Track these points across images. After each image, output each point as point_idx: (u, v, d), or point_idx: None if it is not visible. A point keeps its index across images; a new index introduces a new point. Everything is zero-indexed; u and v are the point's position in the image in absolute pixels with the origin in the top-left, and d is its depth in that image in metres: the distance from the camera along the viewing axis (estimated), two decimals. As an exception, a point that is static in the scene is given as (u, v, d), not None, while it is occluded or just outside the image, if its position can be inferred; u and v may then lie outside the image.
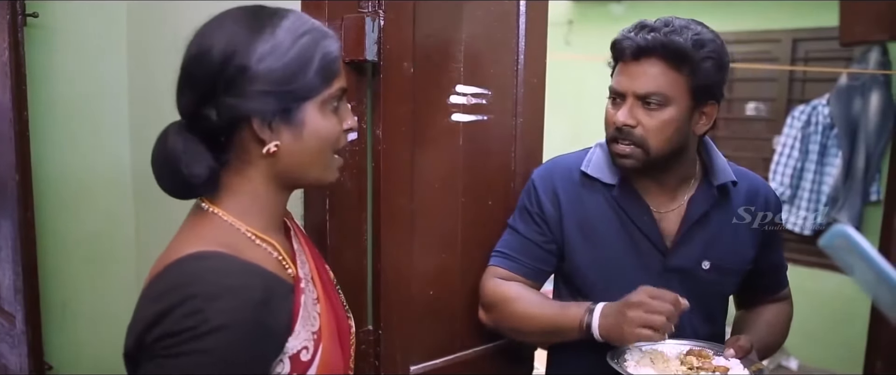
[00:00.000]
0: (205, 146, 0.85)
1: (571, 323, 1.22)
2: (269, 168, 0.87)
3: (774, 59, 4.01)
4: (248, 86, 0.81)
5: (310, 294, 0.91)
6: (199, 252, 0.81)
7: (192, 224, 0.88)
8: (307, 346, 0.86)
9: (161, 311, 0.76)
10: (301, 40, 0.83)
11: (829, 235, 0.59)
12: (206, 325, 0.74)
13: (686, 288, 1.29)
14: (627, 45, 1.19)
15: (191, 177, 0.84)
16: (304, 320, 0.87)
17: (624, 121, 1.20)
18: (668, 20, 1.21)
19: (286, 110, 0.83)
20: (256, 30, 0.82)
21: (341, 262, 1.24)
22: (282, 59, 0.82)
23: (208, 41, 0.83)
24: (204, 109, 0.83)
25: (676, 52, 1.17)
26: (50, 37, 1.89)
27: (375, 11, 1.18)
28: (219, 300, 0.76)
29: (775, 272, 1.43)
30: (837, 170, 3.73)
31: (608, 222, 1.30)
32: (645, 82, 1.19)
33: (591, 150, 1.36)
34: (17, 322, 1.85)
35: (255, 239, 0.86)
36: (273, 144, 0.84)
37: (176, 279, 0.79)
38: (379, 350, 1.28)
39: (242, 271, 0.81)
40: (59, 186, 1.96)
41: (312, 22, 0.87)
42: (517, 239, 1.36)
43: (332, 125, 0.88)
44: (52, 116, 1.92)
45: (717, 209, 1.30)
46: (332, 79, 0.86)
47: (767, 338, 1.35)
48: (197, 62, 0.83)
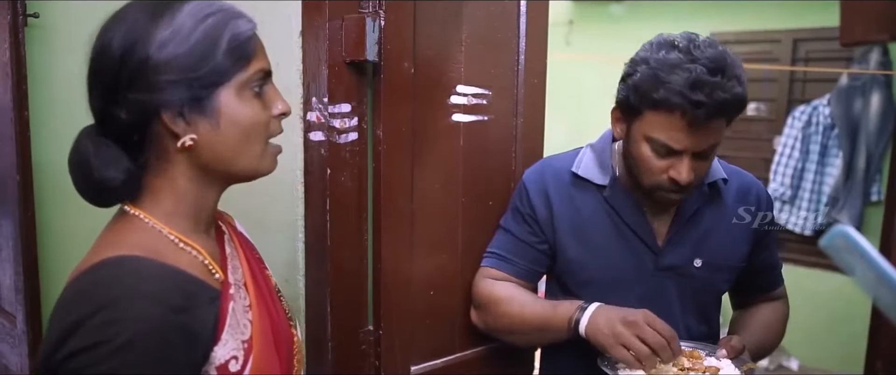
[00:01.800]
0: (119, 148, 0.80)
1: (561, 321, 1.22)
2: (190, 163, 0.81)
3: (775, 59, 4.01)
4: (152, 77, 0.75)
5: (240, 300, 0.85)
6: (115, 256, 0.75)
7: (112, 228, 0.83)
8: (236, 356, 0.80)
9: (72, 324, 0.70)
10: (205, 22, 0.77)
11: (829, 235, 0.59)
12: (121, 337, 0.69)
13: (679, 287, 1.29)
14: (700, 113, 1.08)
15: (105, 182, 0.79)
16: (233, 328, 0.81)
17: (689, 180, 1.15)
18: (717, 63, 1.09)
19: (197, 99, 0.77)
20: (155, 18, 0.76)
21: (341, 262, 1.24)
22: (184, 43, 0.76)
23: (108, 35, 0.78)
24: (112, 108, 0.78)
25: (740, 106, 1.13)
26: (51, 37, 1.89)
27: (376, 12, 1.18)
28: (134, 307, 0.71)
29: (769, 270, 1.42)
30: (838, 171, 3.73)
31: (600, 222, 1.30)
32: (708, 139, 1.14)
33: (582, 151, 1.36)
34: (18, 322, 1.85)
35: (179, 242, 0.81)
36: (188, 137, 0.78)
37: (88, 287, 0.74)
38: (379, 351, 1.28)
39: (161, 275, 0.76)
40: (60, 186, 1.95)
41: (219, 3, 0.80)
42: (509, 240, 1.36)
43: (255, 111, 0.81)
44: (53, 116, 1.92)
45: (709, 207, 1.30)
46: (246, 60, 0.80)
47: (763, 338, 1.35)
48: (98, 59, 0.78)
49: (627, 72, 1.19)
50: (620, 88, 1.21)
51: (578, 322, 1.20)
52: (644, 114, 1.16)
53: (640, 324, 1.11)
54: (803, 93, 3.95)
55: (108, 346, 0.69)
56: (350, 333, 1.27)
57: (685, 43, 1.13)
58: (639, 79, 1.15)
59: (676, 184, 1.16)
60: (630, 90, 1.17)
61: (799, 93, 3.97)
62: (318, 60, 1.19)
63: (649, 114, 1.15)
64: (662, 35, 1.18)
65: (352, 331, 1.27)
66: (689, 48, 1.11)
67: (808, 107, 3.82)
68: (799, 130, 3.81)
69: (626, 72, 1.20)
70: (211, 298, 0.81)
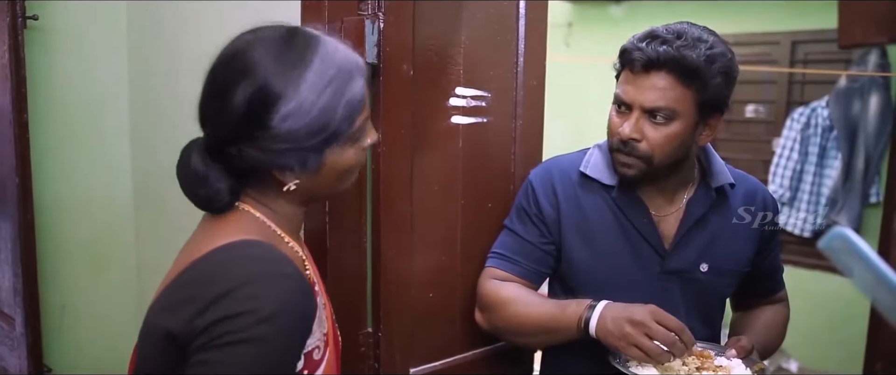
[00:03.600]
0: (225, 169, 0.85)
1: (570, 321, 1.21)
2: (288, 196, 0.87)
3: (774, 61, 4.02)
4: (271, 143, 0.80)
5: (320, 298, 0.92)
6: (245, 240, 0.81)
7: (225, 219, 0.87)
8: (319, 346, 0.88)
9: (218, 294, 0.75)
10: (327, 90, 0.81)
11: (828, 237, 0.59)
12: (266, 310, 0.74)
13: (684, 291, 1.29)
14: (637, 56, 1.16)
15: (214, 195, 0.84)
16: (319, 320, 0.88)
17: (629, 135, 1.18)
18: (681, 31, 1.17)
19: (307, 161, 0.83)
20: (282, 79, 0.79)
21: (341, 264, 1.24)
22: (306, 116, 0.80)
23: (231, 83, 0.80)
24: (227, 146, 0.82)
25: (688, 67, 1.14)
26: (50, 39, 1.89)
27: (375, 14, 1.18)
28: (277, 285, 0.77)
29: (772, 274, 1.43)
30: (837, 172, 3.73)
31: (607, 224, 1.30)
32: (653, 96, 1.16)
33: (590, 151, 1.36)
34: (17, 324, 1.85)
35: (285, 237, 0.88)
36: (292, 184, 0.84)
37: (226, 263, 0.79)
38: (378, 353, 1.28)
39: (287, 261, 0.81)
40: (59, 189, 1.96)
41: (339, 59, 0.83)
42: (515, 241, 1.35)
43: (354, 155, 0.88)
44: (52, 119, 1.92)
45: (716, 211, 1.30)
46: (356, 118, 0.85)
47: (766, 339, 1.35)
48: (218, 105, 0.81)
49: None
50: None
51: (588, 321, 1.19)
52: (618, 79, 1.23)
53: (648, 323, 1.11)
54: (802, 95, 3.96)
55: (254, 316, 0.74)
56: (349, 335, 1.27)
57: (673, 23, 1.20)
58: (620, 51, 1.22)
59: (623, 142, 1.20)
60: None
61: (798, 94, 3.98)
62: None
63: (620, 77, 1.23)
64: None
65: (351, 333, 1.27)
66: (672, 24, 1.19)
67: (807, 108, 3.82)
68: (798, 132, 3.82)
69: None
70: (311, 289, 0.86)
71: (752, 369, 1.16)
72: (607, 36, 4.74)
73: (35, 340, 1.82)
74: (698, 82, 1.15)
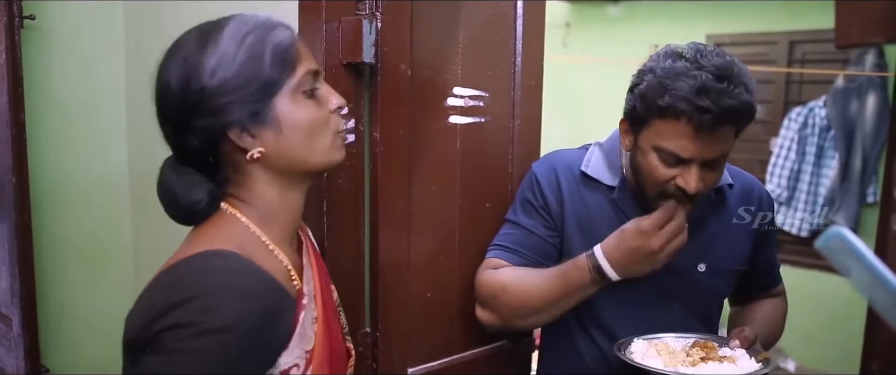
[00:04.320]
0: (199, 171, 0.86)
1: (581, 279, 1.21)
2: (266, 171, 0.86)
3: (771, 61, 4.03)
4: (211, 103, 0.81)
5: (310, 312, 0.90)
6: (217, 249, 0.81)
7: (210, 223, 0.87)
8: (299, 363, 0.85)
9: (172, 303, 0.75)
10: (246, 41, 0.82)
11: (825, 237, 0.59)
12: (213, 323, 0.74)
13: (682, 290, 1.30)
14: (706, 119, 1.07)
15: (192, 205, 0.85)
16: (301, 337, 0.86)
17: (697, 189, 1.14)
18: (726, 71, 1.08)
19: (256, 112, 0.82)
20: (202, 47, 0.82)
21: (339, 264, 1.24)
22: (232, 66, 0.81)
23: (166, 75, 0.84)
24: (184, 138, 0.84)
25: (749, 114, 1.11)
26: (47, 39, 1.89)
27: (372, 14, 1.18)
28: (232, 300, 0.76)
29: (769, 270, 1.44)
30: (834, 172, 3.74)
31: (608, 223, 1.30)
32: (717, 148, 1.13)
33: (590, 150, 1.36)
34: (14, 324, 1.84)
35: (269, 245, 0.86)
36: (256, 150, 0.84)
37: (189, 273, 0.79)
38: (376, 353, 1.28)
39: (256, 276, 0.81)
40: (57, 189, 1.96)
41: (256, 19, 0.86)
42: (518, 231, 1.34)
43: (311, 110, 0.86)
44: (50, 119, 1.92)
45: (714, 212, 1.31)
46: (292, 66, 0.85)
47: (766, 332, 1.35)
48: (162, 98, 0.85)
49: (634, 83, 1.18)
50: (628, 99, 1.20)
51: (599, 268, 1.19)
52: (651, 124, 1.15)
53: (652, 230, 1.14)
54: (799, 95, 3.97)
55: (200, 328, 0.74)
56: (347, 335, 1.27)
57: (692, 52, 1.12)
58: (645, 88, 1.14)
59: (683, 193, 1.15)
60: (637, 100, 1.16)
61: (795, 94, 3.99)
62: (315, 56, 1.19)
63: (656, 123, 1.14)
64: (670, 45, 1.17)
65: (349, 333, 1.27)
66: (696, 57, 1.11)
67: (805, 108, 3.83)
68: (795, 132, 3.83)
69: (633, 83, 1.19)
70: (290, 306, 0.86)
71: (757, 358, 1.16)
72: (605, 36, 4.76)
73: (32, 340, 1.82)
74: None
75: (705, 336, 1.24)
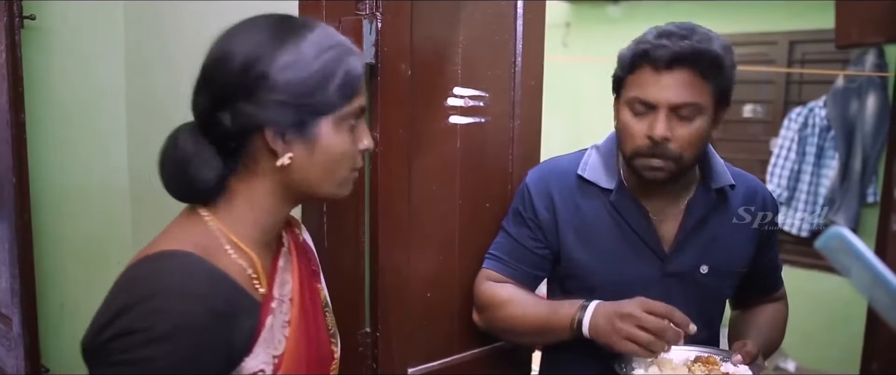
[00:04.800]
0: (215, 151, 0.84)
1: (563, 321, 1.22)
2: (277, 180, 0.85)
3: (771, 61, 4.02)
4: (266, 94, 0.79)
5: (281, 315, 0.87)
6: (171, 250, 0.79)
7: (176, 222, 0.87)
8: (264, 369, 0.83)
9: (118, 309, 0.74)
10: (326, 54, 0.82)
11: (825, 237, 0.59)
12: (158, 328, 0.72)
13: (684, 293, 1.28)
14: (662, 53, 1.13)
15: (198, 181, 0.83)
16: (267, 341, 0.84)
17: (663, 134, 1.15)
18: (692, 27, 1.17)
19: (302, 123, 0.82)
20: (281, 39, 0.81)
21: (338, 264, 1.24)
22: (304, 71, 0.80)
23: (231, 46, 0.81)
24: (219, 114, 0.81)
25: (710, 60, 1.14)
26: (47, 39, 1.89)
27: (373, 14, 1.18)
28: (177, 302, 0.74)
29: (771, 273, 1.43)
30: (834, 172, 3.74)
31: (605, 227, 1.29)
32: (681, 92, 1.14)
33: (587, 153, 1.35)
34: (14, 325, 1.84)
35: (231, 250, 0.84)
36: (287, 157, 0.82)
37: (139, 275, 0.78)
38: (376, 353, 1.28)
39: (210, 277, 0.79)
40: (57, 189, 1.96)
41: (339, 38, 0.86)
42: (509, 243, 1.35)
43: (347, 143, 0.86)
44: (50, 119, 1.92)
45: (715, 213, 1.30)
46: (352, 96, 0.85)
47: (768, 338, 1.35)
48: (217, 65, 0.82)
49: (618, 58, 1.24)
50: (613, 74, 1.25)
51: (581, 322, 1.19)
52: (625, 82, 1.21)
53: (637, 314, 1.12)
54: (800, 95, 3.97)
55: (145, 335, 0.72)
56: (347, 335, 1.27)
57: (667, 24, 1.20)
58: (622, 53, 1.22)
59: (653, 144, 1.16)
60: (617, 67, 1.23)
61: (795, 94, 3.99)
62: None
63: (628, 80, 1.20)
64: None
65: (349, 333, 1.27)
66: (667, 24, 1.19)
67: (805, 108, 3.83)
68: (795, 132, 3.82)
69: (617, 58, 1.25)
70: (251, 309, 0.83)
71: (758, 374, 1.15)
72: (605, 36, 4.74)
73: (32, 340, 1.82)
74: (717, 75, 1.16)
75: (708, 350, 1.22)
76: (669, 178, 1.21)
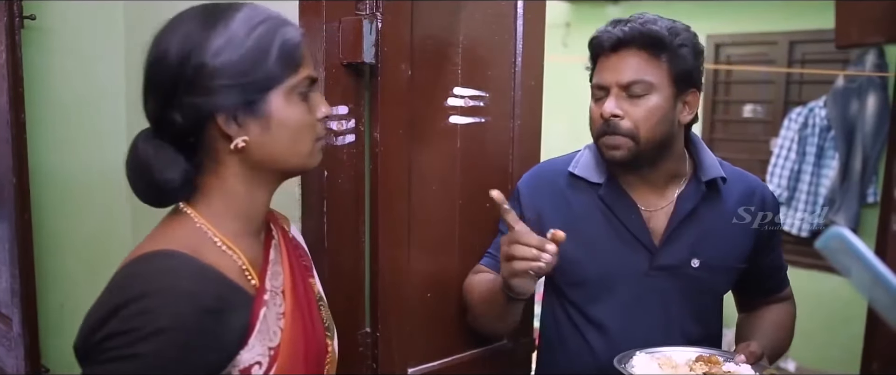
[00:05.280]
0: (176, 150, 0.84)
1: (497, 283, 1.24)
2: (242, 164, 0.85)
3: (771, 61, 4.02)
4: (208, 82, 0.80)
5: (274, 307, 0.88)
6: (159, 251, 0.80)
7: (164, 223, 0.87)
8: (260, 361, 0.83)
9: (111, 310, 0.75)
10: (257, 30, 0.82)
11: (825, 237, 0.59)
12: (151, 326, 0.73)
13: (676, 287, 1.28)
14: (606, 38, 1.22)
15: (165, 183, 0.84)
16: (262, 334, 0.84)
17: (611, 111, 1.20)
18: (641, 14, 1.24)
19: (250, 102, 0.82)
20: (210, 26, 0.81)
21: (339, 264, 1.24)
22: (238, 50, 0.80)
23: (164, 44, 0.82)
24: (169, 113, 0.82)
25: (654, 39, 1.19)
26: (47, 39, 1.89)
27: (373, 13, 1.18)
28: (167, 302, 0.75)
29: (775, 272, 1.42)
30: (834, 172, 3.74)
31: (595, 222, 1.30)
32: (627, 72, 1.20)
33: (580, 152, 1.36)
34: (14, 324, 1.84)
35: (221, 245, 0.85)
36: (241, 139, 0.82)
37: (130, 277, 0.79)
38: (376, 353, 1.28)
39: (199, 275, 0.80)
40: (57, 188, 1.96)
41: (269, 11, 0.85)
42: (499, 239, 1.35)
43: (302, 113, 0.86)
44: (50, 118, 1.92)
45: (707, 206, 1.29)
46: (295, 66, 0.85)
47: (775, 340, 1.34)
48: (155, 67, 0.83)
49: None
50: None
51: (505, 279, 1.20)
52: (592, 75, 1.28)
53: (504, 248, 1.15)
54: (800, 95, 3.97)
55: (138, 333, 0.73)
56: (347, 335, 1.27)
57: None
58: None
59: (606, 123, 1.22)
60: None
61: (795, 94, 3.99)
62: (315, 62, 1.19)
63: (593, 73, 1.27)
64: None
65: (349, 333, 1.27)
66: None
67: (805, 108, 3.83)
68: (795, 132, 3.82)
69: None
70: (243, 303, 0.84)
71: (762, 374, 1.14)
72: (605, 36, 4.76)
73: (32, 340, 1.82)
74: (666, 53, 1.20)
75: (710, 350, 1.21)
76: (632, 159, 1.23)
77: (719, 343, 1.37)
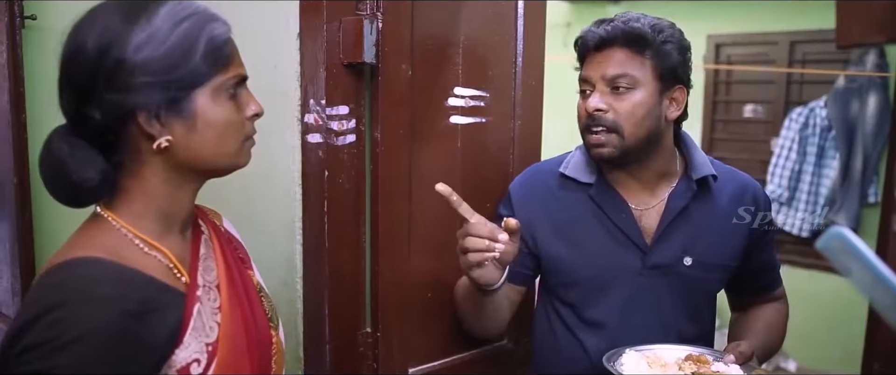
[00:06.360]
0: (94, 148, 0.80)
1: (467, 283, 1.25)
2: (164, 164, 0.81)
3: (772, 61, 4.02)
4: (128, 79, 0.76)
5: (209, 303, 0.85)
6: (75, 258, 0.77)
7: (81, 229, 0.83)
8: (199, 359, 0.80)
9: (25, 323, 0.72)
10: (181, 25, 0.78)
11: (826, 237, 0.59)
12: (66, 336, 0.70)
13: (668, 285, 1.28)
14: (590, 37, 1.25)
15: (81, 183, 0.79)
16: (197, 330, 0.81)
17: (596, 106, 1.22)
18: (625, 13, 1.26)
19: (174, 101, 0.78)
20: (132, 19, 0.77)
21: (339, 264, 1.24)
22: (161, 46, 0.76)
23: (81, 36, 0.78)
24: (86, 109, 0.78)
25: (636, 37, 1.21)
26: (48, 39, 1.89)
27: (373, 13, 1.18)
28: (85, 309, 0.72)
29: (768, 271, 1.42)
30: (835, 172, 3.74)
31: (586, 222, 1.30)
32: (611, 67, 1.22)
33: (572, 153, 1.36)
34: (15, 324, 1.84)
35: (143, 246, 0.81)
36: (164, 139, 0.78)
37: (45, 287, 0.76)
38: (377, 353, 1.28)
39: (118, 279, 0.76)
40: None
41: (195, 6, 0.81)
42: None
43: (229, 112, 0.82)
44: (50, 118, 1.92)
45: (698, 204, 1.29)
46: (223, 64, 0.81)
47: (767, 340, 1.34)
48: (72, 60, 0.79)
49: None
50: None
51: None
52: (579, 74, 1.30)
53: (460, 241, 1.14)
54: (800, 95, 3.96)
55: (53, 344, 0.70)
56: (348, 335, 1.27)
57: None
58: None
59: (591, 117, 1.23)
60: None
61: (796, 95, 3.98)
62: (316, 62, 1.19)
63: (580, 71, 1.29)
64: None
65: (350, 333, 1.27)
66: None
67: (805, 108, 3.82)
68: (796, 132, 3.82)
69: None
70: (174, 302, 0.81)
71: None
72: (606, 36, 4.76)
73: (33, 340, 1.82)
74: (650, 50, 1.22)
75: (700, 349, 1.21)
76: (619, 156, 1.23)
77: (711, 340, 1.37)
